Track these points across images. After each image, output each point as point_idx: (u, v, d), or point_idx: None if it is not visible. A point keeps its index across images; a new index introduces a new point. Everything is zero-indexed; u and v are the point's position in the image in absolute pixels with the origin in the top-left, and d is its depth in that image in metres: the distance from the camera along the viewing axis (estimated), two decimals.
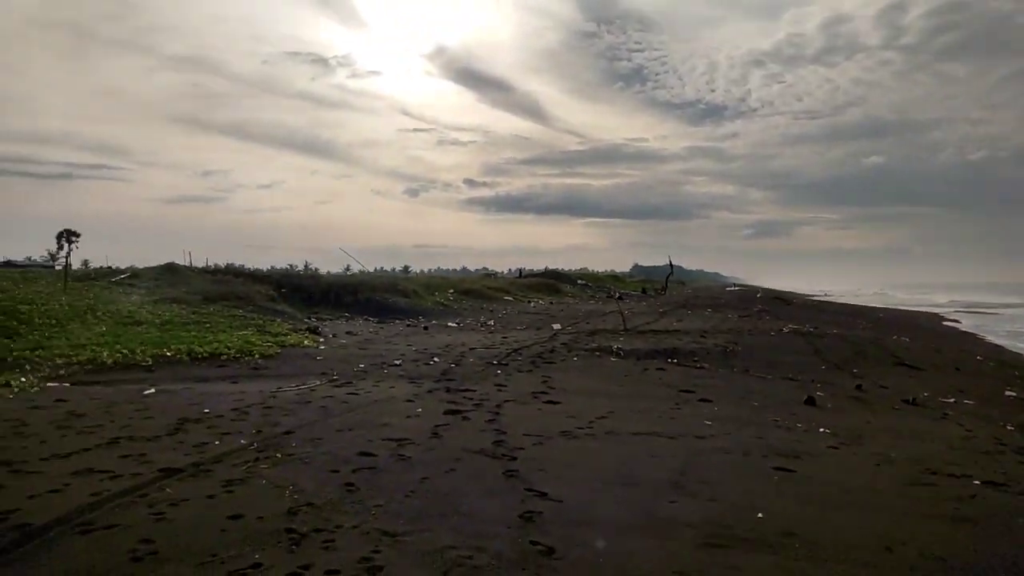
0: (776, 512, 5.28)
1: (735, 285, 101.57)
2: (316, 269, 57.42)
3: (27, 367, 11.58)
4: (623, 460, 6.77)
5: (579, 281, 58.47)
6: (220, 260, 36.00)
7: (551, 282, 51.95)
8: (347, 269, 61.17)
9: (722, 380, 12.78)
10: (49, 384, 10.48)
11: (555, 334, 20.57)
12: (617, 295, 42.49)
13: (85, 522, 4.63)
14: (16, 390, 9.72)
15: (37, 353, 12.51)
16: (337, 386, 10.92)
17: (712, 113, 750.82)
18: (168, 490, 5.37)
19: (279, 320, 21.12)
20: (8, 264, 50.78)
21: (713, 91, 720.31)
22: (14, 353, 12.32)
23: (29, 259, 57.38)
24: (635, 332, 20.56)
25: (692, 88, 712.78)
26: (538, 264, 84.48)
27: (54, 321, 15.66)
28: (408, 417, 8.52)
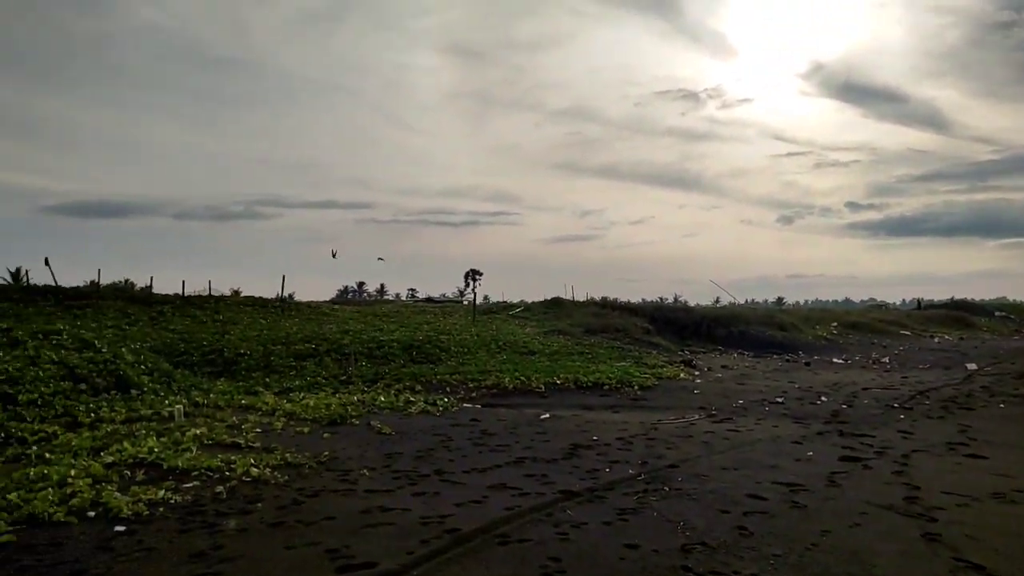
0: None
1: None
2: (685, 301, 57.90)
3: (447, 388, 13.59)
4: None
5: (997, 313, 49.47)
6: (596, 293, 38.30)
7: (959, 314, 44.86)
8: (716, 301, 60.63)
9: None
10: (465, 404, 12.10)
11: (970, 375, 17.61)
12: None
13: (502, 534, 5.14)
14: (441, 408, 11.40)
15: (454, 376, 14.62)
16: (716, 421, 10.70)
17: None
18: (569, 512, 5.73)
19: (654, 352, 21.64)
20: (429, 300, 60.58)
21: None
22: (438, 376, 14.58)
23: (443, 295, 67.78)
24: None
25: None
26: (939, 294, 73.77)
27: (465, 349, 18.19)
28: (798, 460, 7.95)
